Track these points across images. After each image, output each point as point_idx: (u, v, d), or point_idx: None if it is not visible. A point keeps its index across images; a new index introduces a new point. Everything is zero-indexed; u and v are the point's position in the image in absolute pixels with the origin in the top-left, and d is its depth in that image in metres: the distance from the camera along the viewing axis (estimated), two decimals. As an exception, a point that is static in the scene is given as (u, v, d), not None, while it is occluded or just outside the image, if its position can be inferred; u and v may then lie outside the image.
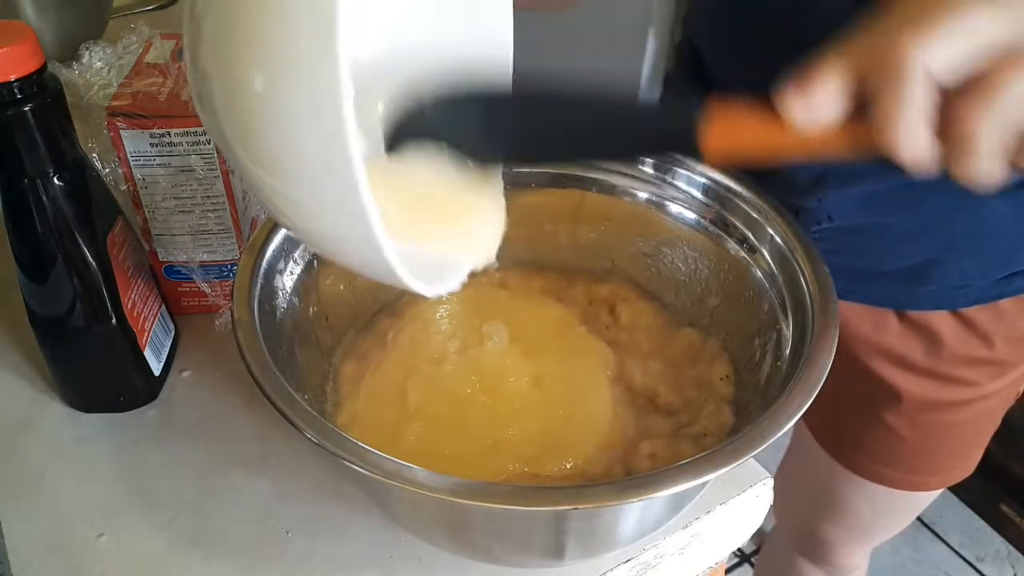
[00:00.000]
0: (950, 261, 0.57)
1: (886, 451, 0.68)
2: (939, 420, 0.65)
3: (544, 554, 0.41)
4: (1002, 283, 0.59)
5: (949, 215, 0.55)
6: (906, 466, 0.69)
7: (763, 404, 0.38)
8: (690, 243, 0.50)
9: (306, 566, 0.43)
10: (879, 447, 0.68)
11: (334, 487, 0.46)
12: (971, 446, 0.70)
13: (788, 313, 0.42)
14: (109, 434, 0.50)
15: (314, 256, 0.46)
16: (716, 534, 0.47)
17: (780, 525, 0.91)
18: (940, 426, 0.66)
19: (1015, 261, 0.58)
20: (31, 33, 0.40)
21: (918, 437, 0.66)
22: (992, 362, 0.62)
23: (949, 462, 0.70)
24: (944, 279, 0.58)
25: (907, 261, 0.58)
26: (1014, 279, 0.59)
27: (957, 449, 0.69)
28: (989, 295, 0.59)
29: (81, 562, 0.43)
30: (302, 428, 0.34)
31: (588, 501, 0.32)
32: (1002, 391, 0.65)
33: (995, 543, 1.39)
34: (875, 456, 0.69)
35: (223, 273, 0.54)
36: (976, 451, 0.71)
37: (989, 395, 0.64)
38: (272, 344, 0.39)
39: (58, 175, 0.43)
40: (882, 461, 0.69)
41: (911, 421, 0.65)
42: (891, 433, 0.66)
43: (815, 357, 0.37)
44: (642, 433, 0.45)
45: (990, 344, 0.61)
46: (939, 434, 0.67)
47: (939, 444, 0.67)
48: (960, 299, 0.59)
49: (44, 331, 0.48)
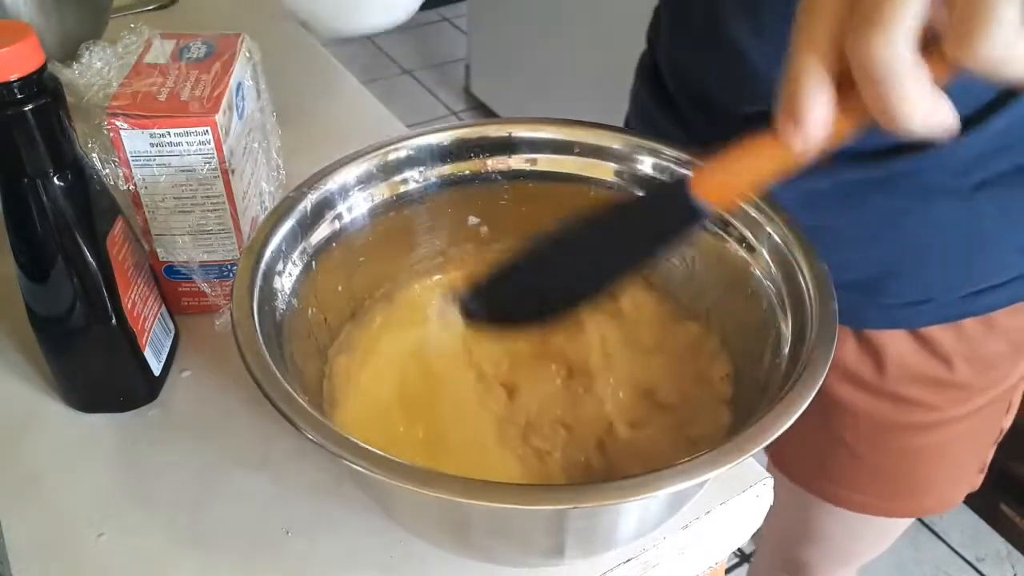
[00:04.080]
0: (904, 272, 0.55)
1: (849, 475, 0.66)
2: (900, 444, 0.63)
3: (544, 553, 0.41)
4: (966, 301, 0.56)
5: (896, 219, 0.53)
6: (871, 491, 0.66)
7: (762, 403, 0.38)
8: (688, 242, 0.50)
9: (306, 566, 0.43)
10: (842, 471, 0.66)
11: (334, 487, 0.46)
12: (943, 475, 0.67)
13: (787, 312, 0.42)
14: (109, 434, 0.50)
15: (312, 257, 0.46)
16: (716, 534, 0.47)
17: (760, 549, 0.90)
18: (902, 450, 0.63)
19: (978, 274, 0.55)
20: (31, 33, 0.40)
21: (880, 460, 0.64)
22: (952, 385, 0.59)
23: (917, 489, 0.67)
24: (901, 292, 0.56)
25: (858, 271, 0.56)
26: (979, 297, 0.56)
27: (924, 476, 0.66)
28: (951, 314, 0.57)
29: (81, 562, 0.43)
30: (302, 428, 0.34)
31: (588, 500, 0.32)
32: (970, 418, 0.62)
33: (995, 543, 1.39)
34: (838, 480, 0.67)
35: (223, 273, 0.54)
36: (951, 483, 0.68)
37: (951, 420, 0.61)
38: (272, 344, 0.39)
39: (58, 175, 0.43)
40: (846, 485, 0.67)
41: (871, 444, 0.63)
42: (853, 457, 0.64)
43: (814, 356, 0.37)
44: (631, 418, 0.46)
45: (950, 366, 0.58)
46: (902, 458, 0.64)
47: (903, 469, 0.65)
48: (918, 317, 0.57)
49: (44, 331, 0.48)
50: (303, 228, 0.46)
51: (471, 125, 0.51)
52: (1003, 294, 0.56)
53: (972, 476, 0.69)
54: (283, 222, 0.45)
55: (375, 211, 0.49)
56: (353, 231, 0.49)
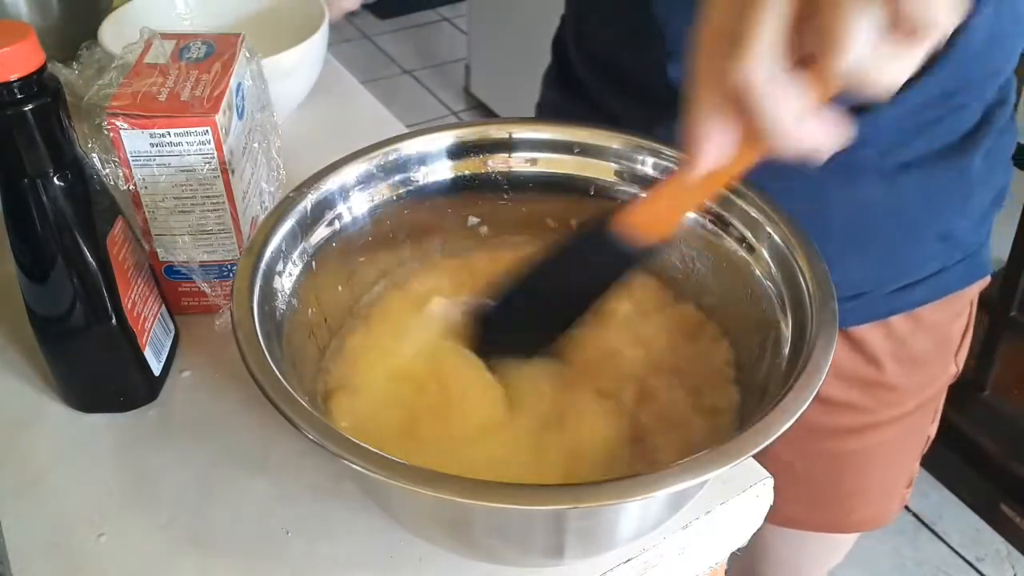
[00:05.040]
0: (830, 260, 0.53)
1: (781, 486, 0.64)
2: (828, 448, 0.62)
3: (544, 552, 0.41)
4: (894, 297, 0.56)
5: (823, 196, 0.52)
6: (801, 501, 0.64)
7: (763, 402, 0.38)
8: (688, 242, 0.50)
9: (306, 566, 0.43)
10: (775, 483, 0.65)
11: (334, 487, 0.46)
12: (874, 484, 0.65)
13: (787, 312, 0.42)
14: (109, 434, 0.50)
15: (312, 257, 0.46)
16: (716, 534, 0.47)
17: (730, 567, 0.89)
18: (830, 456, 0.62)
19: (903, 268, 0.55)
20: (31, 33, 0.40)
21: (810, 469, 0.63)
22: (882, 385, 0.59)
23: (847, 499, 0.65)
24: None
25: None
26: (906, 292, 0.56)
27: (854, 485, 0.64)
28: (879, 311, 0.56)
29: (81, 562, 0.43)
30: (302, 428, 0.34)
31: (588, 500, 0.32)
32: (899, 423, 0.61)
33: (995, 543, 1.39)
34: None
35: (223, 273, 0.54)
36: (881, 493, 0.66)
37: (880, 424, 0.61)
38: (272, 344, 0.39)
39: (58, 175, 0.43)
40: (780, 497, 0.66)
41: (798, 450, 0.62)
42: (784, 466, 0.61)
43: (815, 356, 0.37)
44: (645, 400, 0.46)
45: (878, 366, 0.58)
46: (830, 465, 0.63)
47: (832, 477, 0.64)
48: (848, 316, 0.56)
49: (44, 331, 0.48)
50: (303, 228, 0.46)
51: (471, 125, 0.51)
52: (928, 288, 0.56)
53: (901, 489, 0.68)
54: (283, 222, 0.45)
55: (375, 211, 0.50)
56: (353, 231, 0.49)
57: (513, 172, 0.52)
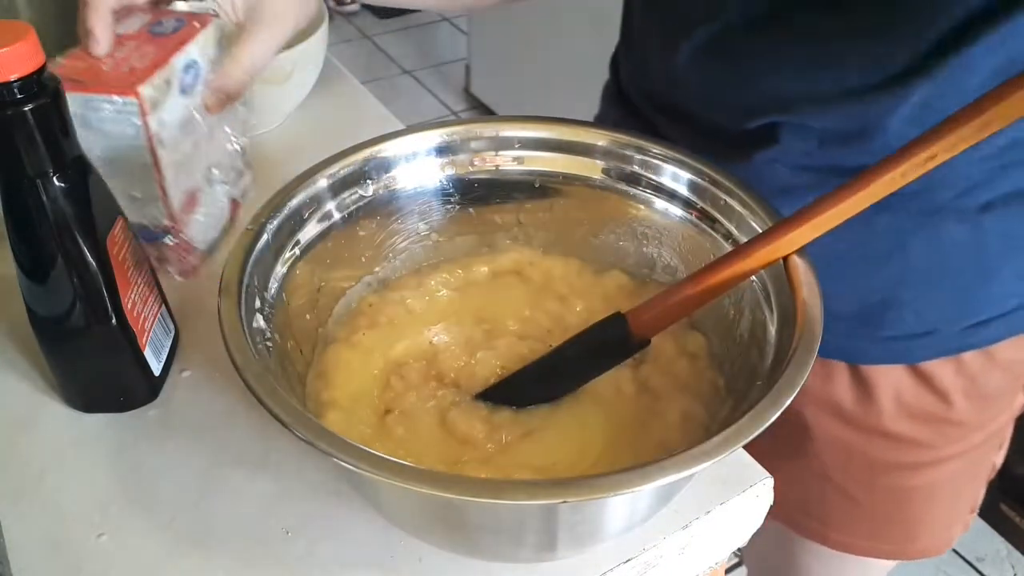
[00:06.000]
0: (907, 301, 0.54)
1: (837, 514, 0.64)
2: (892, 483, 0.61)
3: (535, 546, 0.41)
4: (967, 333, 0.55)
5: (903, 239, 0.52)
6: (860, 531, 0.64)
7: (747, 399, 0.38)
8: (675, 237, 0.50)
9: (306, 566, 0.43)
10: (829, 510, 0.64)
11: (334, 487, 0.46)
12: (936, 516, 0.64)
13: (773, 308, 0.42)
14: (109, 434, 0.50)
15: (286, 277, 0.46)
16: (716, 534, 0.47)
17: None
18: (894, 490, 0.61)
19: (979, 306, 0.54)
20: (31, 33, 0.40)
21: (871, 500, 0.62)
22: (949, 422, 0.58)
23: (908, 530, 0.65)
24: (899, 325, 0.55)
25: (858, 301, 0.55)
26: (980, 329, 0.55)
27: (917, 517, 0.64)
28: (951, 347, 0.55)
29: (81, 562, 0.43)
30: (292, 427, 0.34)
31: (576, 494, 0.32)
32: (965, 456, 0.60)
33: (995, 543, 1.39)
34: (824, 519, 0.65)
35: (148, 237, 0.54)
36: (943, 524, 0.65)
37: (946, 459, 0.60)
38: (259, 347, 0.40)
39: (58, 175, 0.43)
40: (834, 525, 0.64)
41: (862, 483, 0.61)
42: (843, 496, 0.62)
43: (799, 351, 0.37)
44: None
45: (948, 402, 0.57)
46: (893, 498, 0.62)
47: (895, 509, 0.63)
48: (919, 351, 0.55)
49: (44, 331, 0.48)
50: (275, 255, 0.46)
51: (460, 123, 0.51)
52: (1004, 326, 0.55)
53: (964, 516, 0.67)
54: (249, 258, 0.43)
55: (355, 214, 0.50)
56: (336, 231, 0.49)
57: (499, 170, 0.52)
